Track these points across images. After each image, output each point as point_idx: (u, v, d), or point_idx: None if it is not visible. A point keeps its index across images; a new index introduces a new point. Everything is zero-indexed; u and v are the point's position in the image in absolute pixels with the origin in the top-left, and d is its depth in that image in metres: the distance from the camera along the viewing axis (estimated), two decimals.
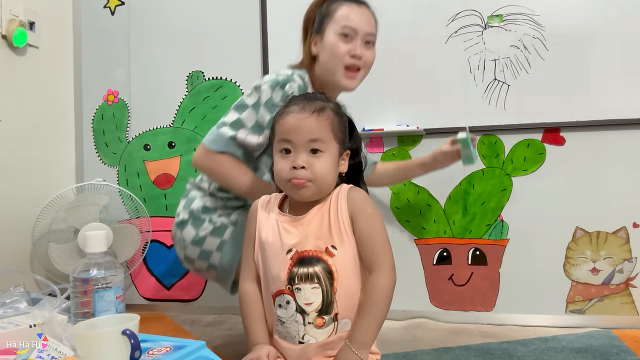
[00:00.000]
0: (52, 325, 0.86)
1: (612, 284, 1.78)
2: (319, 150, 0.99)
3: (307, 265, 0.99)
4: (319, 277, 0.98)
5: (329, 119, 1.02)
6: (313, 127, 0.99)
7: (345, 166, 1.07)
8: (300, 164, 0.98)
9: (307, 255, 0.99)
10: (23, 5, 1.94)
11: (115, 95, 2.24)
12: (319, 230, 1.00)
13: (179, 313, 2.11)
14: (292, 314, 1.00)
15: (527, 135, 1.85)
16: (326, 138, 1.00)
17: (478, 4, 1.87)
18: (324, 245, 0.99)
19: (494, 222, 1.88)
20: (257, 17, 2.08)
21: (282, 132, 1.01)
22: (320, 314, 0.99)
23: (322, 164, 0.99)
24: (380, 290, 0.98)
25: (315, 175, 0.99)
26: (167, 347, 0.81)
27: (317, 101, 1.03)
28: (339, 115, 1.05)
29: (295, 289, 0.99)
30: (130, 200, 2.06)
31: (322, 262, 0.98)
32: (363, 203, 1.02)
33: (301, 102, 1.03)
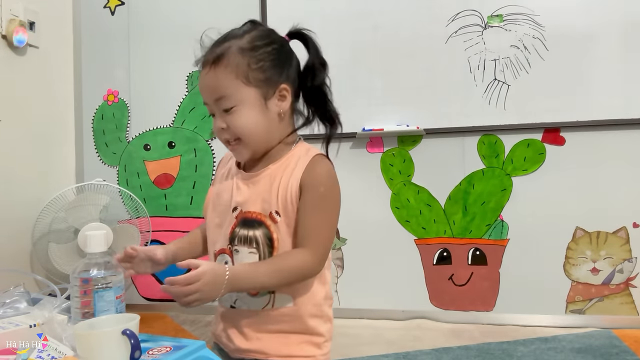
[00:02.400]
0: (52, 325, 0.86)
1: (612, 284, 1.78)
2: (230, 107, 0.87)
3: (248, 228, 0.91)
4: (258, 242, 0.90)
5: (231, 65, 0.87)
6: (213, 84, 0.88)
7: (285, 103, 0.91)
8: (219, 127, 0.88)
9: (250, 217, 0.91)
10: (23, 5, 1.94)
11: (115, 95, 2.24)
12: (267, 193, 0.90)
13: (179, 313, 2.11)
14: None
15: (527, 135, 1.85)
16: (232, 89, 0.87)
17: (478, 4, 1.87)
18: (269, 209, 0.89)
19: (494, 222, 1.88)
20: (257, 17, 2.08)
21: (201, 95, 0.92)
22: None
23: (239, 120, 0.87)
24: (293, 261, 0.87)
25: (237, 133, 0.88)
26: (167, 347, 0.81)
27: (221, 45, 0.91)
28: (252, 49, 0.89)
29: (234, 251, 0.92)
30: (130, 200, 2.06)
31: (264, 227, 0.90)
32: (319, 178, 0.88)
33: (207, 53, 0.93)
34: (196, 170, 2.15)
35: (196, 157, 2.16)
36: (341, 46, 1.98)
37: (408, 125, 1.90)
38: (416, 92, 1.92)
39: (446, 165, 1.91)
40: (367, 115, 1.95)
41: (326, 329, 0.97)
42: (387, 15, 1.95)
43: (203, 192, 2.14)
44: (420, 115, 1.91)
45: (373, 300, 1.94)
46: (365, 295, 1.97)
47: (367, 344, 1.63)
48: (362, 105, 1.96)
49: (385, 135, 1.95)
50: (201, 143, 2.15)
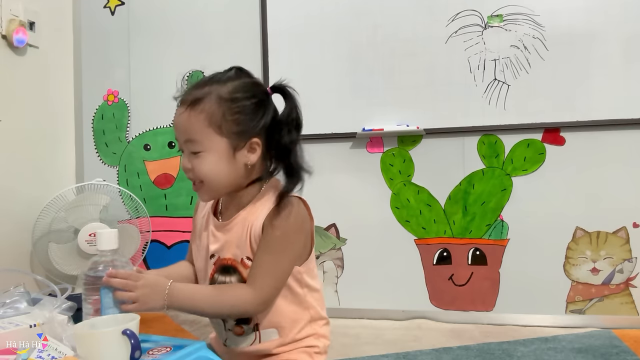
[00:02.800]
0: (52, 325, 0.86)
1: (612, 284, 1.78)
2: (197, 151, 0.87)
3: (225, 274, 0.93)
4: None
5: (204, 112, 0.86)
6: (185, 126, 0.88)
7: (255, 156, 0.89)
8: (185, 166, 0.89)
9: (226, 264, 0.93)
10: (23, 5, 1.94)
11: (115, 95, 2.24)
12: (239, 239, 0.91)
13: (179, 313, 2.10)
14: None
15: (527, 135, 1.85)
16: (202, 136, 0.86)
17: (478, 4, 1.87)
18: (240, 255, 0.91)
19: (494, 222, 1.88)
20: (257, 17, 2.08)
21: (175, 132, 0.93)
22: (239, 323, 0.94)
23: (203, 165, 0.86)
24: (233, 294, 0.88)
25: (200, 177, 0.88)
26: (167, 347, 0.81)
27: (202, 88, 0.89)
28: (232, 100, 0.87)
29: None
30: (130, 200, 2.06)
31: (237, 273, 0.91)
32: (278, 222, 0.87)
33: (188, 91, 0.92)
34: None
35: None
36: (341, 46, 1.98)
37: (408, 125, 1.90)
38: (416, 92, 1.92)
39: (446, 165, 1.91)
40: (367, 115, 1.95)
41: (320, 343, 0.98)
42: (387, 15, 1.95)
43: None
44: (420, 115, 1.91)
45: (373, 300, 1.94)
46: (365, 295, 1.97)
47: (367, 344, 1.63)
48: (362, 105, 1.96)
49: (385, 135, 1.95)
50: None
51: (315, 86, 1.99)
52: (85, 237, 1.88)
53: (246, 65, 2.28)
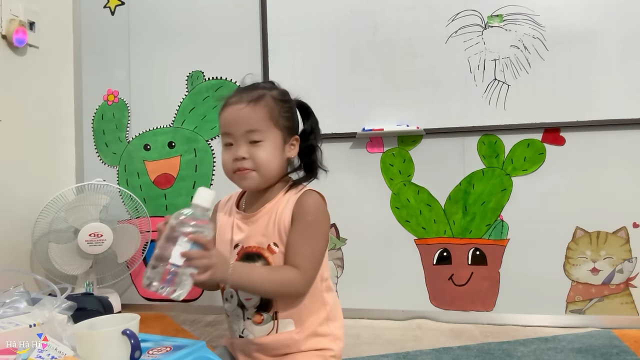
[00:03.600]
0: (52, 325, 0.86)
1: (612, 284, 1.78)
2: (258, 140, 0.98)
3: (249, 261, 1.00)
4: None
5: (267, 107, 1.00)
6: (249, 118, 0.98)
7: (294, 151, 1.05)
8: (241, 156, 0.97)
9: (251, 251, 1.00)
10: (23, 5, 1.94)
11: (115, 95, 2.25)
12: (265, 228, 1.00)
13: (179, 313, 2.11)
14: (234, 308, 1.03)
15: (527, 135, 1.85)
16: (264, 127, 0.98)
17: (478, 4, 1.87)
18: (266, 243, 0.99)
19: (494, 222, 1.88)
20: (257, 17, 2.08)
21: (223, 126, 1.02)
22: (259, 310, 1.00)
23: (263, 153, 0.98)
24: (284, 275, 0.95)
25: (257, 164, 0.98)
26: (167, 347, 0.81)
27: (256, 90, 1.03)
28: (282, 101, 1.03)
29: None
30: (130, 200, 2.06)
31: (262, 259, 0.99)
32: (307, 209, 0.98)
33: (240, 93, 1.03)
34: (196, 170, 2.15)
35: (196, 157, 2.16)
36: (341, 46, 1.98)
37: (408, 125, 1.90)
38: (416, 92, 1.92)
39: (446, 165, 1.91)
40: (367, 115, 1.95)
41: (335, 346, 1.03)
42: (387, 15, 1.95)
43: None
44: (420, 115, 1.91)
45: (373, 300, 1.94)
46: (365, 295, 1.97)
47: (367, 344, 1.63)
48: (362, 105, 1.96)
49: (385, 135, 1.95)
50: (201, 143, 2.15)
51: (315, 86, 1.99)
52: (85, 237, 1.88)
53: (246, 66, 2.29)
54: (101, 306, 1.67)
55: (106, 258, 2.01)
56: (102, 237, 1.90)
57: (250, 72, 2.12)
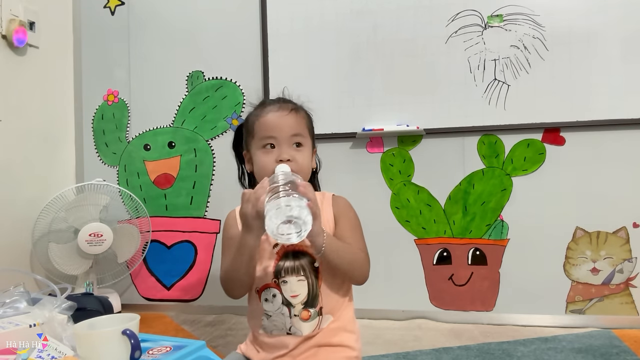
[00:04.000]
0: (52, 325, 0.86)
1: (612, 284, 1.78)
2: (301, 144, 1.05)
3: (293, 259, 1.03)
4: (305, 269, 1.02)
5: (305, 117, 1.10)
6: (294, 123, 1.06)
7: (314, 163, 1.14)
8: (286, 157, 1.01)
9: (293, 249, 1.03)
10: (23, 5, 1.94)
11: (115, 95, 2.25)
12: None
13: (179, 313, 2.11)
14: (278, 306, 1.03)
15: (527, 135, 1.85)
16: (305, 133, 1.07)
17: (478, 4, 1.87)
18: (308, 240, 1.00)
19: (494, 222, 1.88)
20: (257, 17, 2.08)
21: (264, 130, 1.05)
22: (306, 306, 1.02)
23: (304, 157, 1.05)
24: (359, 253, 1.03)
25: (299, 167, 1.02)
26: (167, 347, 0.81)
27: (290, 102, 1.12)
28: (309, 116, 1.14)
29: (282, 282, 1.02)
30: (130, 200, 2.06)
31: (307, 256, 1.02)
32: (346, 208, 1.10)
33: (277, 103, 1.10)
34: (196, 170, 2.15)
35: (196, 157, 2.16)
36: (341, 46, 1.98)
37: (408, 125, 1.90)
38: (416, 92, 1.92)
39: (446, 165, 1.91)
40: (367, 115, 1.95)
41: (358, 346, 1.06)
42: (387, 15, 1.95)
43: (203, 192, 2.14)
44: (420, 115, 1.91)
45: (373, 300, 1.94)
46: (365, 295, 1.96)
47: (367, 344, 1.63)
48: (362, 105, 1.96)
49: (385, 135, 1.95)
50: (201, 143, 2.15)
51: (315, 86, 1.99)
52: (85, 237, 1.88)
53: (246, 66, 2.30)
54: (101, 306, 1.67)
55: (106, 258, 2.01)
56: (102, 237, 1.90)
57: (250, 72, 2.14)
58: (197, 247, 2.14)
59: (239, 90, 2.11)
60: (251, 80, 2.08)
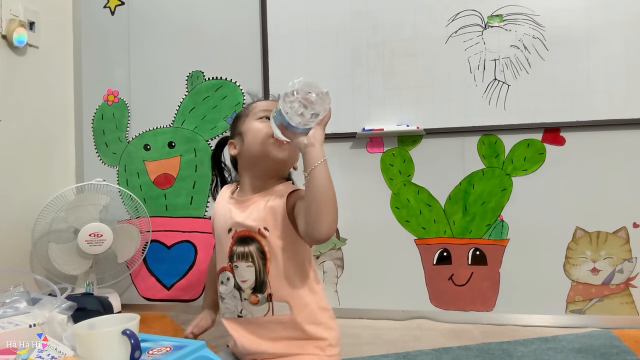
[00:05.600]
0: (52, 325, 0.86)
1: (612, 284, 1.78)
2: None
3: (243, 245, 1.06)
4: (253, 256, 1.05)
5: None
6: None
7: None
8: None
9: (244, 235, 1.06)
10: (23, 5, 1.94)
11: (115, 95, 2.25)
12: (256, 212, 1.06)
13: (179, 313, 2.10)
14: (230, 289, 1.08)
15: (527, 135, 1.85)
16: None
17: (478, 4, 1.87)
18: (257, 227, 1.05)
19: (494, 222, 1.88)
20: (257, 17, 2.08)
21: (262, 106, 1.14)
22: (255, 291, 1.05)
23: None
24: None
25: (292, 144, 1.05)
26: (167, 347, 0.81)
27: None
28: None
29: (234, 266, 1.07)
30: (130, 200, 2.06)
31: (255, 242, 1.05)
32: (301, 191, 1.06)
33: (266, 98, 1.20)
34: (196, 170, 2.15)
35: (196, 157, 2.16)
36: (341, 46, 1.98)
37: (408, 125, 1.90)
38: (416, 92, 1.92)
39: (446, 165, 1.91)
40: (367, 115, 1.95)
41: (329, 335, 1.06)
42: (387, 15, 1.95)
43: (203, 192, 2.14)
44: (420, 115, 1.91)
45: (373, 300, 1.94)
46: (365, 295, 1.97)
47: (367, 344, 1.63)
48: (362, 105, 1.96)
49: (385, 135, 1.95)
50: (201, 143, 2.15)
51: None
52: (85, 237, 1.88)
53: (246, 66, 2.30)
54: (101, 306, 1.67)
55: (106, 258, 2.01)
56: (102, 237, 1.90)
57: (250, 72, 2.14)
58: (197, 247, 2.14)
59: (239, 90, 2.11)
60: (251, 80, 2.08)
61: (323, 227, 0.93)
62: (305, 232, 0.97)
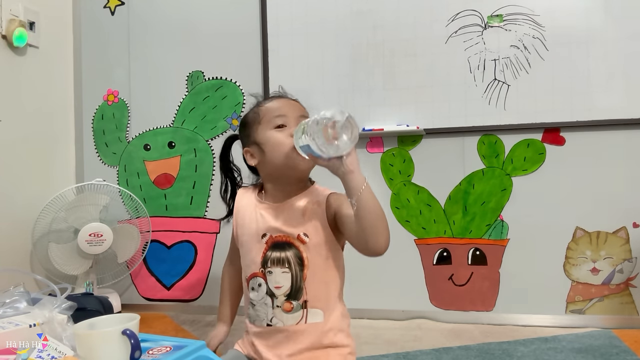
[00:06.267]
0: (52, 325, 0.86)
1: (612, 284, 1.78)
2: None
3: (279, 250, 1.04)
4: (290, 261, 1.03)
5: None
6: (300, 106, 1.10)
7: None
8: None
9: (280, 240, 1.04)
10: (23, 5, 1.94)
11: (115, 95, 2.25)
12: (294, 218, 1.04)
13: (179, 313, 2.11)
14: (262, 296, 1.05)
15: (527, 135, 1.85)
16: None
17: (478, 4, 1.87)
18: (296, 232, 1.03)
19: (494, 222, 1.88)
20: (257, 17, 2.08)
21: (274, 110, 1.06)
22: (289, 298, 1.03)
23: None
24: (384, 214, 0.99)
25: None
26: (167, 347, 0.81)
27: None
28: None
29: (267, 272, 1.04)
30: (130, 200, 2.06)
31: (293, 248, 1.03)
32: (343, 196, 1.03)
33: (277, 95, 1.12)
34: (196, 170, 2.15)
35: (196, 157, 2.16)
36: (341, 46, 1.98)
37: (408, 125, 1.90)
38: (416, 92, 1.92)
39: (446, 165, 1.91)
40: (367, 115, 1.95)
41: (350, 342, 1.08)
42: (387, 15, 1.95)
43: (203, 192, 2.14)
44: (420, 115, 1.91)
45: (373, 300, 1.94)
46: (365, 295, 1.97)
47: (367, 344, 1.63)
48: (362, 105, 1.96)
49: (385, 135, 1.95)
50: (201, 143, 2.15)
51: (315, 86, 1.99)
52: (85, 237, 1.88)
53: (246, 66, 2.29)
54: (101, 306, 1.67)
55: (106, 258, 2.01)
56: (102, 237, 1.90)
57: (250, 72, 2.14)
58: (197, 247, 2.14)
59: (239, 90, 2.11)
60: (251, 80, 2.08)
61: (381, 243, 0.94)
62: (363, 249, 0.98)
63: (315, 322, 1.03)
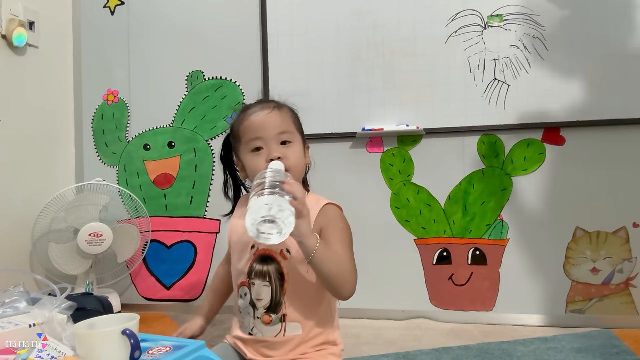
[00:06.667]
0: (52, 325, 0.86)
1: (612, 284, 1.78)
2: (289, 141, 1.04)
3: (263, 264, 1.04)
4: (270, 276, 1.03)
5: (289, 113, 1.09)
6: (278, 121, 1.05)
7: (309, 159, 1.13)
8: (277, 155, 1.01)
9: (264, 254, 1.05)
10: (23, 5, 1.94)
11: (115, 95, 2.25)
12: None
13: (179, 313, 2.11)
14: (246, 305, 1.06)
15: (527, 135, 1.85)
16: (292, 129, 1.06)
17: (478, 4, 1.87)
18: (279, 248, 1.02)
19: (494, 222, 1.88)
20: (257, 17, 2.08)
21: (249, 132, 1.05)
22: (269, 311, 1.04)
23: (294, 153, 1.04)
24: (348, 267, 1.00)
25: (290, 164, 1.01)
26: (167, 347, 0.81)
27: (272, 101, 1.11)
28: (294, 113, 1.12)
29: (252, 284, 1.05)
30: (130, 200, 2.06)
31: (275, 263, 1.03)
32: (337, 218, 1.07)
33: (259, 104, 1.09)
34: (196, 170, 2.15)
35: (196, 157, 2.16)
36: (341, 46, 1.98)
37: (408, 125, 1.90)
38: (416, 92, 1.92)
39: (446, 165, 1.91)
40: (367, 115, 1.95)
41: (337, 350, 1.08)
42: (387, 15, 1.95)
43: (203, 192, 2.14)
44: (420, 115, 1.91)
45: (373, 300, 1.94)
46: (365, 295, 1.96)
47: (367, 344, 1.63)
48: (362, 105, 1.96)
49: (385, 135, 1.95)
50: (201, 143, 2.15)
51: (315, 86, 1.99)
52: (85, 237, 1.88)
53: (246, 66, 2.30)
54: (101, 306, 1.67)
55: (106, 258, 2.01)
56: (102, 237, 1.90)
57: (250, 72, 2.14)
58: (197, 247, 2.15)
59: (239, 90, 2.11)
60: (251, 80, 2.09)
61: (344, 294, 0.98)
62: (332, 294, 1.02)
63: (295, 334, 1.03)
